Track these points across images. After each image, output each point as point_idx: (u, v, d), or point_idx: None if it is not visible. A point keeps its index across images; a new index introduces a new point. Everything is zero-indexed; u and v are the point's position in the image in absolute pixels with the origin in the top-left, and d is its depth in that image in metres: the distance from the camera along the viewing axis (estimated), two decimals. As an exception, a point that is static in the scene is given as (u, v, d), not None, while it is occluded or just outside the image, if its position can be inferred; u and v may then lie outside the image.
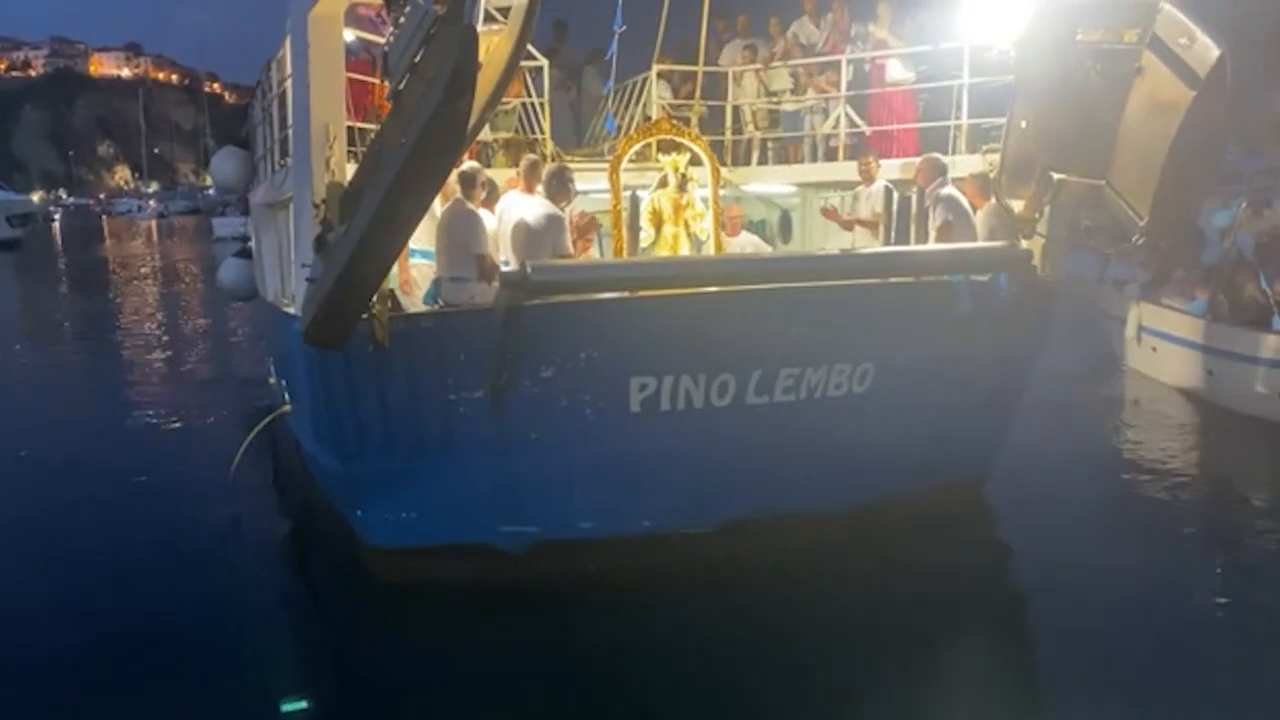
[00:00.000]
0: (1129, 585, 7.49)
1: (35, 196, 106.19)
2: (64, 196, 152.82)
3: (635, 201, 9.05)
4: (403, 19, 5.64)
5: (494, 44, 6.06)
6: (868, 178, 10.02)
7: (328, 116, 7.08)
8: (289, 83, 8.12)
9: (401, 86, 5.59)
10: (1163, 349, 13.30)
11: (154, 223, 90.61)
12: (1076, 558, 7.99)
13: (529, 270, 6.53)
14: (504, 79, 6.19)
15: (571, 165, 10.12)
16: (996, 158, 8.90)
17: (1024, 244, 8.41)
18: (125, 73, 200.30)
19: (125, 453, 11.66)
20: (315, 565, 8.65)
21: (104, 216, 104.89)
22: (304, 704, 6.07)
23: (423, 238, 7.87)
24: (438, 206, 7.94)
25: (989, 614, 7.38)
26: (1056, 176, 8.26)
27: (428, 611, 7.20)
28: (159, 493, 10.04)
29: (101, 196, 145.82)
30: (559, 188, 8.32)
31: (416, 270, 8.49)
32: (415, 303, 8.15)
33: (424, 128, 5.11)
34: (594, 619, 6.97)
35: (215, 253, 38.05)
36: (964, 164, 9.54)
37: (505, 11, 6.47)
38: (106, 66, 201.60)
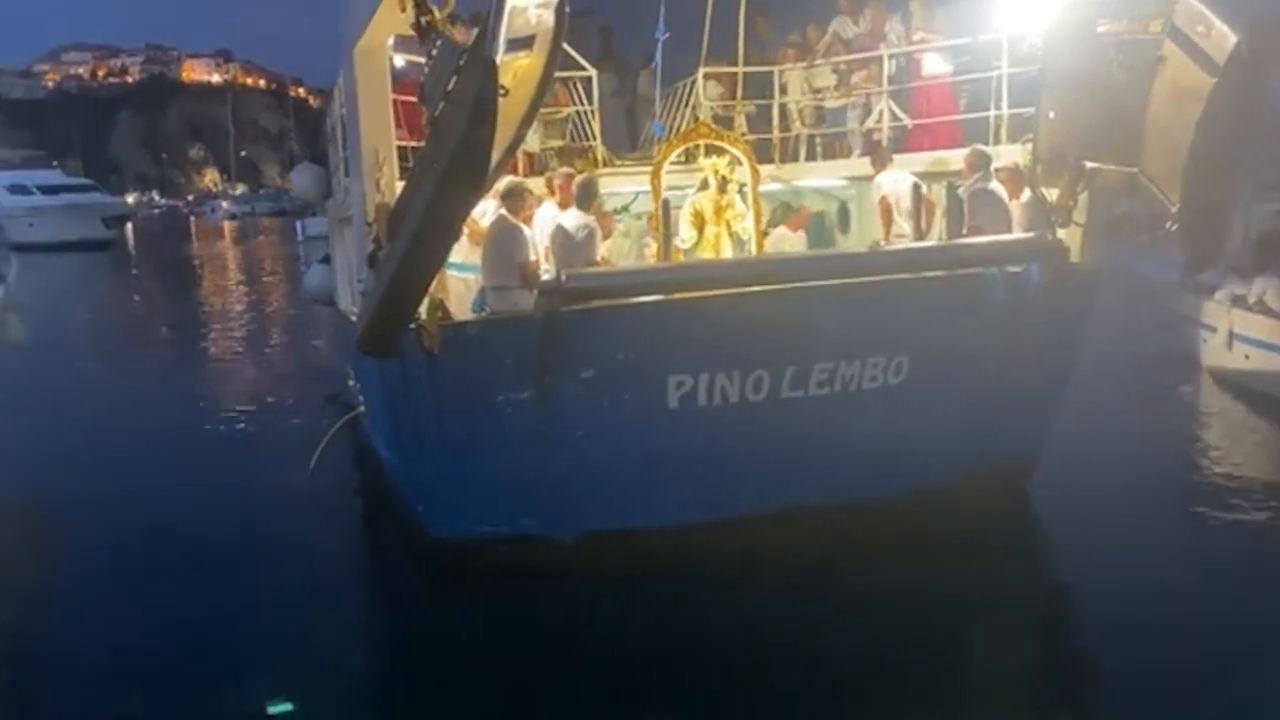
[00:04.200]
0: (1181, 595, 7.19)
1: (130, 198, 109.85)
2: (156, 198, 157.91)
3: (667, 206, 9.35)
4: (434, 51, 6.05)
5: (524, 66, 6.42)
6: (879, 167, 10.36)
7: (377, 141, 7.57)
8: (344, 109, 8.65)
9: (437, 114, 6.01)
10: (1257, 356, 12.88)
11: (227, 224, 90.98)
12: (1131, 563, 7.77)
13: (564, 278, 6.96)
14: (536, 99, 6.55)
15: (622, 169, 10.56)
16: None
17: (1061, 233, 8.53)
18: (215, 78, 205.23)
19: (215, 448, 12.54)
20: (389, 551, 9.24)
21: (192, 218, 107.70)
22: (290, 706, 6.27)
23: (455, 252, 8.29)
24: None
25: (1028, 610, 7.41)
26: (1089, 165, 8.37)
27: (488, 593, 7.70)
28: (243, 485, 10.71)
29: (190, 198, 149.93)
30: (586, 198, 8.72)
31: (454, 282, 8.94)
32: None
33: (451, 154, 5.55)
34: (638, 606, 7.33)
35: (302, 252, 39.32)
36: (1006, 154, 9.63)
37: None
38: (198, 72, 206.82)
